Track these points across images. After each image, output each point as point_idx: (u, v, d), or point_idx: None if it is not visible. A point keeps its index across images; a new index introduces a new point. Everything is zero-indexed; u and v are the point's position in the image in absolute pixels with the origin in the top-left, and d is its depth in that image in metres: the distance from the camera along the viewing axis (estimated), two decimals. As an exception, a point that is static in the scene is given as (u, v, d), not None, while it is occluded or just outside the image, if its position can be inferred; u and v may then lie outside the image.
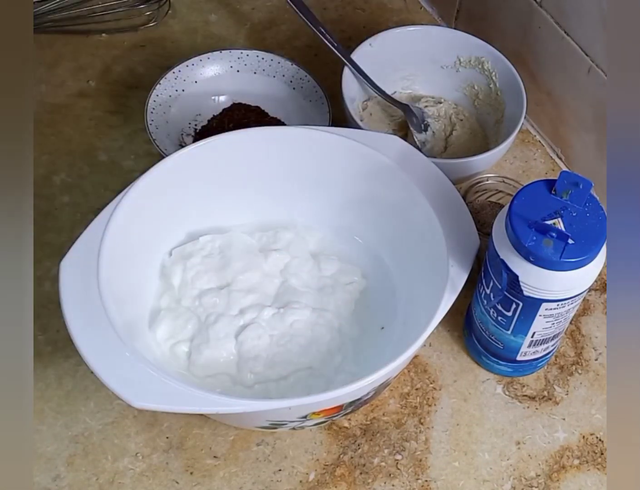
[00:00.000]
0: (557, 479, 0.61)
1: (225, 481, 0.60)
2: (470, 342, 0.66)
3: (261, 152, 0.65)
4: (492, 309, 0.59)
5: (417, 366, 0.66)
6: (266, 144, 0.65)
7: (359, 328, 0.64)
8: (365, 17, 0.93)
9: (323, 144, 0.64)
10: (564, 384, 0.66)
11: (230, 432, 0.62)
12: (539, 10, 0.74)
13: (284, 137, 0.65)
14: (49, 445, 0.61)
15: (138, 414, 0.62)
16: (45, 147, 0.78)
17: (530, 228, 0.53)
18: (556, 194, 0.54)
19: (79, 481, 0.59)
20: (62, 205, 0.74)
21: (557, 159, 0.80)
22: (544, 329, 0.59)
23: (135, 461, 0.60)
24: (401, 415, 0.64)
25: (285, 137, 0.65)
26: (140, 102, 0.77)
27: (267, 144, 0.65)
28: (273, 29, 0.90)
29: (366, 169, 0.64)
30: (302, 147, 0.65)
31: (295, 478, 0.60)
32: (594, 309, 0.70)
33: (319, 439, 0.62)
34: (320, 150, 0.65)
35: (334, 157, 0.65)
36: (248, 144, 0.64)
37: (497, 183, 0.74)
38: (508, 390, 0.65)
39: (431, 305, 0.57)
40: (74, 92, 0.83)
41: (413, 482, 0.60)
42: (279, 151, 0.65)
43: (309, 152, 0.65)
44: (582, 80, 0.72)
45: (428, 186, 0.63)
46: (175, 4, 0.91)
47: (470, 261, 0.59)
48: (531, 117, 0.82)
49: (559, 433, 0.63)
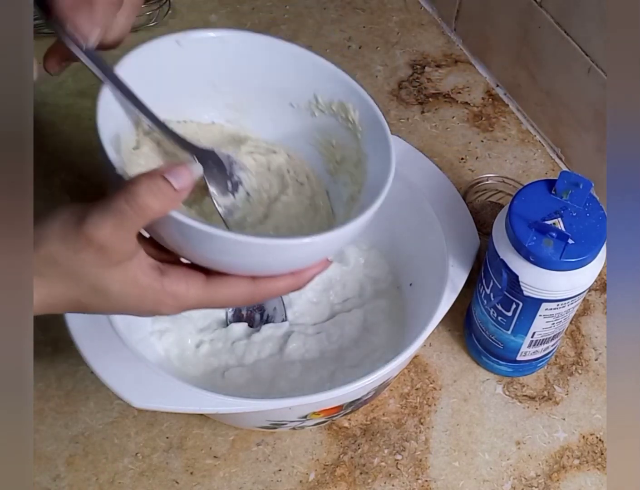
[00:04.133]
0: (557, 479, 0.61)
1: (225, 481, 0.60)
2: (470, 342, 0.66)
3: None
4: (492, 309, 0.59)
5: (417, 366, 0.66)
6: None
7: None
8: (365, 17, 0.93)
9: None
10: (564, 384, 0.66)
11: (230, 432, 0.62)
12: (539, 10, 0.74)
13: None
14: (49, 445, 0.61)
15: (138, 414, 0.62)
16: (45, 147, 0.78)
17: (530, 228, 0.53)
18: (556, 194, 0.55)
19: (79, 481, 0.59)
20: (62, 205, 0.74)
21: (557, 159, 0.80)
22: (544, 329, 0.59)
23: (135, 461, 0.60)
24: (401, 415, 0.64)
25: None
26: (140, 102, 0.77)
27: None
28: (273, 29, 0.90)
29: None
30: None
31: (295, 478, 0.60)
32: (594, 309, 0.70)
33: (319, 439, 0.62)
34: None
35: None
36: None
37: (497, 183, 0.74)
38: (508, 390, 0.65)
39: (431, 305, 0.57)
40: (74, 92, 0.82)
41: (413, 482, 0.60)
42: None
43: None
44: (582, 80, 0.72)
45: (428, 186, 0.63)
46: (175, 4, 0.91)
47: (470, 261, 0.59)
48: (531, 117, 0.82)
49: (559, 433, 0.63)
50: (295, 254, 0.45)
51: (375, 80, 0.87)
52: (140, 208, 0.40)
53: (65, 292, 0.43)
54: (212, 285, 0.45)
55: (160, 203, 0.40)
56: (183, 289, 0.44)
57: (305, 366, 0.62)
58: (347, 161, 0.53)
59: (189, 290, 0.44)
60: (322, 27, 0.91)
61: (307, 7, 0.93)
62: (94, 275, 0.42)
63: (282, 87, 0.53)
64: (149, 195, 0.40)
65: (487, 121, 0.83)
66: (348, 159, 0.53)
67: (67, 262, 0.42)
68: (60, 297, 0.43)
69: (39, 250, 0.42)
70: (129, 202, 0.40)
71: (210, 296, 0.45)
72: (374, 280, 0.67)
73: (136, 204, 0.40)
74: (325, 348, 0.63)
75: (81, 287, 0.43)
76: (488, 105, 0.85)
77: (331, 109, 0.53)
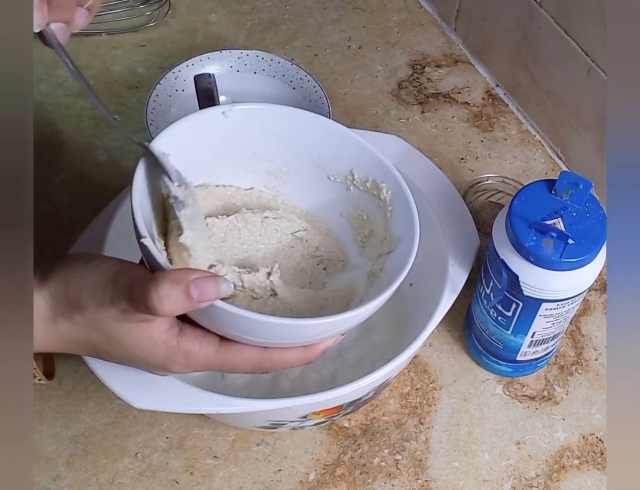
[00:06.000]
0: (557, 479, 0.61)
1: (225, 481, 0.60)
2: (470, 342, 0.66)
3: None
4: (492, 309, 0.59)
5: (417, 366, 0.66)
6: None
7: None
8: (365, 17, 0.93)
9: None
10: (564, 384, 0.66)
11: (230, 432, 0.62)
12: (539, 10, 0.74)
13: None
14: (49, 445, 0.61)
15: (138, 414, 0.62)
16: (45, 147, 0.78)
17: (530, 228, 0.53)
18: (556, 194, 0.55)
19: (79, 481, 0.59)
20: (62, 205, 0.74)
21: (557, 159, 0.80)
22: (544, 329, 0.59)
23: (135, 461, 0.60)
24: (401, 415, 0.64)
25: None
26: (140, 102, 0.77)
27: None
28: (273, 29, 0.90)
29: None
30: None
31: (295, 478, 0.60)
32: (594, 309, 0.70)
33: (319, 439, 0.62)
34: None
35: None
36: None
37: (497, 183, 0.74)
38: (508, 390, 0.65)
39: (431, 305, 0.57)
40: (74, 92, 0.83)
41: (413, 482, 0.60)
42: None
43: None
44: (582, 80, 0.72)
45: (428, 186, 0.62)
46: (175, 4, 0.91)
47: (470, 261, 0.59)
48: (531, 117, 0.82)
49: (559, 433, 0.63)
50: (311, 331, 0.47)
51: (375, 80, 0.87)
52: (155, 310, 0.42)
53: (82, 334, 0.46)
54: (223, 349, 0.47)
55: (175, 309, 0.42)
56: (196, 349, 0.46)
57: (305, 366, 0.61)
58: (374, 236, 0.56)
59: (201, 350, 0.46)
60: (322, 27, 0.91)
61: (307, 7, 0.93)
62: (111, 326, 0.45)
63: (322, 160, 0.56)
64: (166, 302, 0.42)
65: (487, 121, 0.83)
66: (376, 234, 0.56)
67: (90, 312, 0.44)
68: (77, 337, 0.46)
69: (68, 291, 0.45)
70: (145, 304, 0.42)
71: (221, 359, 0.47)
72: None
73: (153, 308, 0.42)
74: (325, 348, 0.63)
75: (98, 333, 0.45)
76: (488, 105, 0.85)
77: (365, 186, 0.55)
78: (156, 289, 0.41)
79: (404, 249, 0.52)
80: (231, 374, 0.60)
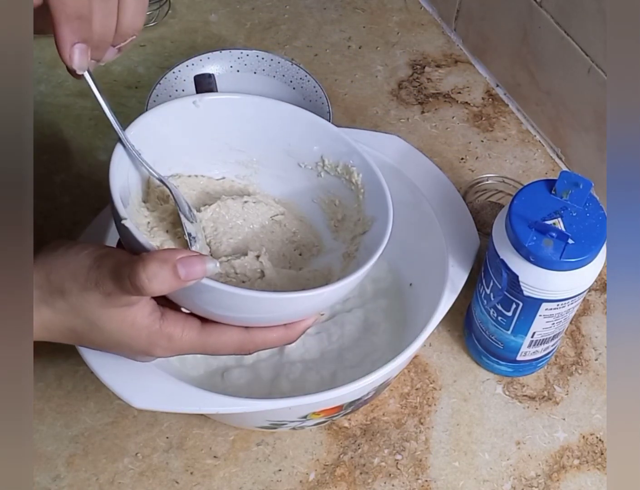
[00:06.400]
0: (557, 479, 0.61)
1: (225, 481, 0.60)
2: (470, 342, 0.66)
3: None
4: (492, 309, 0.59)
5: (417, 366, 0.66)
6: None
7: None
8: (365, 17, 0.93)
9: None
10: (564, 384, 0.66)
11: (230, 432, 0.62)
12: (539, 10, 0.74)
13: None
14: (49, 445, 0.61)
15: (138, 414, 0.62)
16: (45, 147, 0.78)
17: (530, 228, 0.53)
18: (556, 194, 0.55)
19: (79, 481, 0.59)
20: (62, 205, 0.74)
21: (557, 159, 0.80)
22: (544, 329, 0.59)
23: (135, 461, 0.60)
24: (401, 415, 0.64)
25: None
26: (140, 102, 0.77)
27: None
28: (273, 29, 0.90)
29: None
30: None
31: (295, 478, 0.60)
32: (594, 309, 0.70)
33: (319, 439, 0.62)
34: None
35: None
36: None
37: (497, 183, 0.74)
38: (508, 390, 0.65)
39: (431, 305, 0.57)
40: (74, 92, 0.83)
41: (413, 482, 0.60)
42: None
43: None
44: (582, 80, 0.72)
45: (428, 186, 0.63)
46: (175, 4, 0.91)
47: (470, 261, 0.59)
48: (531, 117, 0.82)
49: (559, 433, 0.63)
50: (294, 307, 0.47)
51: (375, 80, 0.87)
52: (143, 290, 0.42)
53: (64, 321, 0.45)
54: (206, 331, 0.47)
55: (163, 289, 0.42)
56: (179, 332, 0.46)
57: (306, 366, 0.62)
58: (348, 220, 0.57)
59: (183, 333, 0.46)
60: (322, 27, 0.91)
61: (307, 7, 0.93)
62: (93, 312, 0.45)
63: (292, 148, 0.57)
64: (154, 281, 0.42)
65: (487, 121, 0.83)
66: (349, 218, 0.57)
67: (73, 296, 0.44)
68: (59, 324, 0.46)
69: (50, 276, 0.45)
70: (133, 284, 0.42)
71: (203, 342, 0.47)
72: (374, 280, 0.67)
73: (141, 287, 0.42)
74: (326, 348, 0.63)
75: (80, 319, 0.45)
76: (488, 105, 0.85)
77: (336, 171, 0.57)
78: (144, 269, 0.41)
79: (379, 227, 0.53)
80: (231, 374, 0.60)
